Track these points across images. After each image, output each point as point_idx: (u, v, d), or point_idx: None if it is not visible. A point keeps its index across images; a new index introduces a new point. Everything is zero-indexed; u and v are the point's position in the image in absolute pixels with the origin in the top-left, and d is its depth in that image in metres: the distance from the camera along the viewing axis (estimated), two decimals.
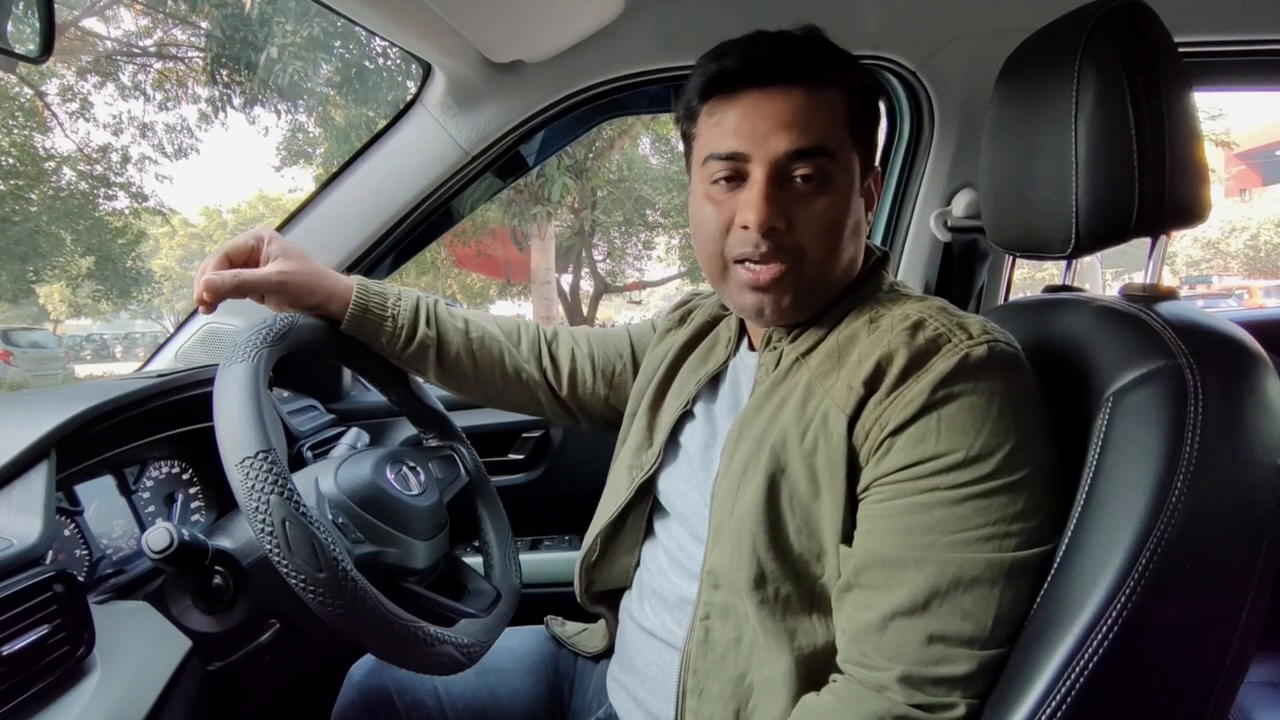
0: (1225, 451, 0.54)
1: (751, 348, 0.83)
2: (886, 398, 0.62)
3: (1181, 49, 0.66)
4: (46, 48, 0.81)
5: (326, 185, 1.24)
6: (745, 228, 0.68)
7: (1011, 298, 1.36)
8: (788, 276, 0.69)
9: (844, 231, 0.70)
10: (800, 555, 0.67)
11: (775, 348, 0.76)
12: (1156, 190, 0.64)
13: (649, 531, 0.87)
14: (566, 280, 12.96)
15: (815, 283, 0.71)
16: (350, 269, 1.24)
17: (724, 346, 0.85)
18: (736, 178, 0.70)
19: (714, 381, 0.84)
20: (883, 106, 1.34)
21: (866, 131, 0.72)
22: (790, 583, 0.66)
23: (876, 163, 0.76)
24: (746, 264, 0.70)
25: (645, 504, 0.86)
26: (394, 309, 0.89)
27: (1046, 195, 0.70)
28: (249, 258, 0.85)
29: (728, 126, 0.69)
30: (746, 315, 0.77)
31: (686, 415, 0.84)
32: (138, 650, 0.68)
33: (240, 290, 0.82)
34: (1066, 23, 0.69)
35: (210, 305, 0.82)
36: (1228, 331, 0.60)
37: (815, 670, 0.66)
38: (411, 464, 0.88)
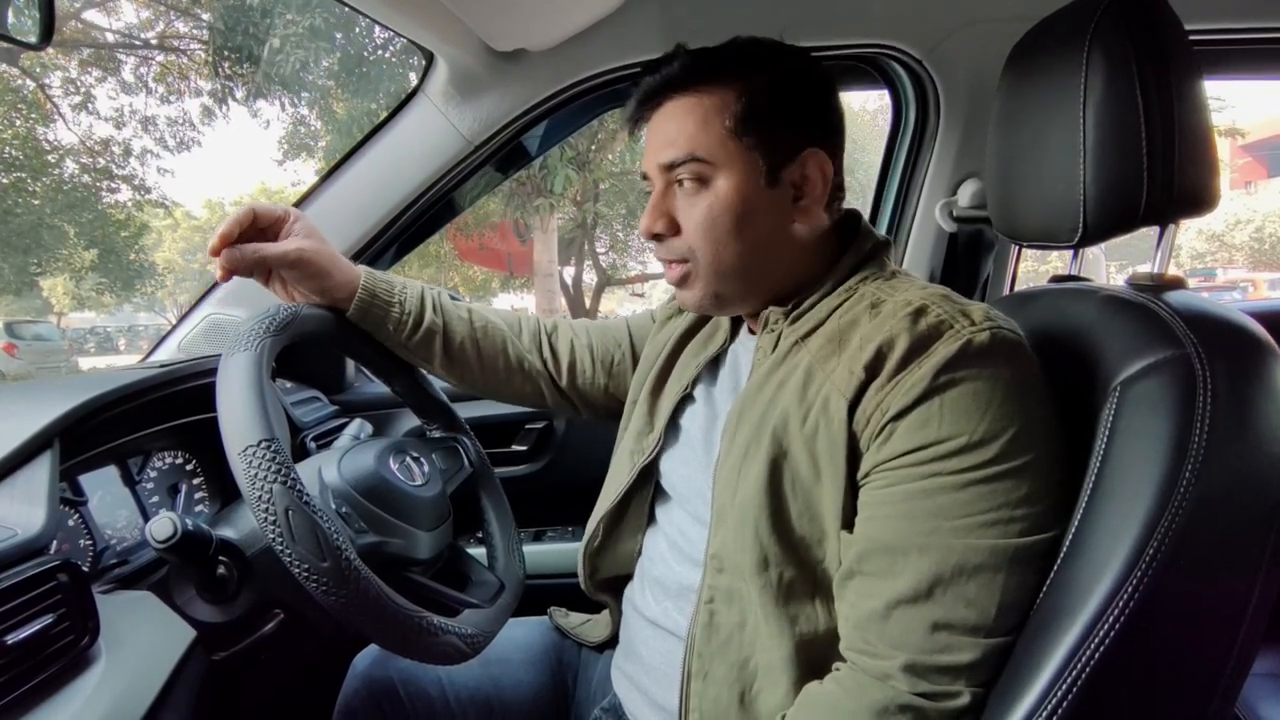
0: (1234, 441, 0.54)
1: (751, 330, 0.83)
2: (888, 383, 0.62)
3: (1191, 36, 0.66)
4: (46, 34, 0.81)
5: (329, 176, 1.23)
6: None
7: (1016, 289, 1.36)
8: (690, 275, 0.76)
9: (731, 228, 0.72)
10: (802, 539, 0.67)
11: (773, 330, 0.76)
12: (1165, 179, 0.63)
13: (650, 519, 0.87)
14: (569, 273, 12.96)
15: (717, 275, 0.74)
16: (353, 259, 1.23)
17: (724, 331, 0.86)
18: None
19: (714, 365, 0.84)
20: (881, 91, 1.33)
21: (770, 122, 0.71)
22: (793, 567, 0.66)
23: (817, 143, 0.73)
24: (665, 264, 0.78)
25: (647, 489, 0.86)
26: (400, 295, 0.90)
27: (1053, 184, 0.70)
28: (271, 225, 0.85)
29: (642, 147, 0.78)
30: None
31: (687, 399, 0.84)
32: (142, 640, 0.68)
33: (261, 264, 0.82)
34: (1075, 10, 0.69)
35: (227, 277, 0.82)
36: (1236, 321, 0.59)
37: (816, 657, 0.66)
38: (415, 454, 0.88)
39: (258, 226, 0.83)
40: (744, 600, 0.69)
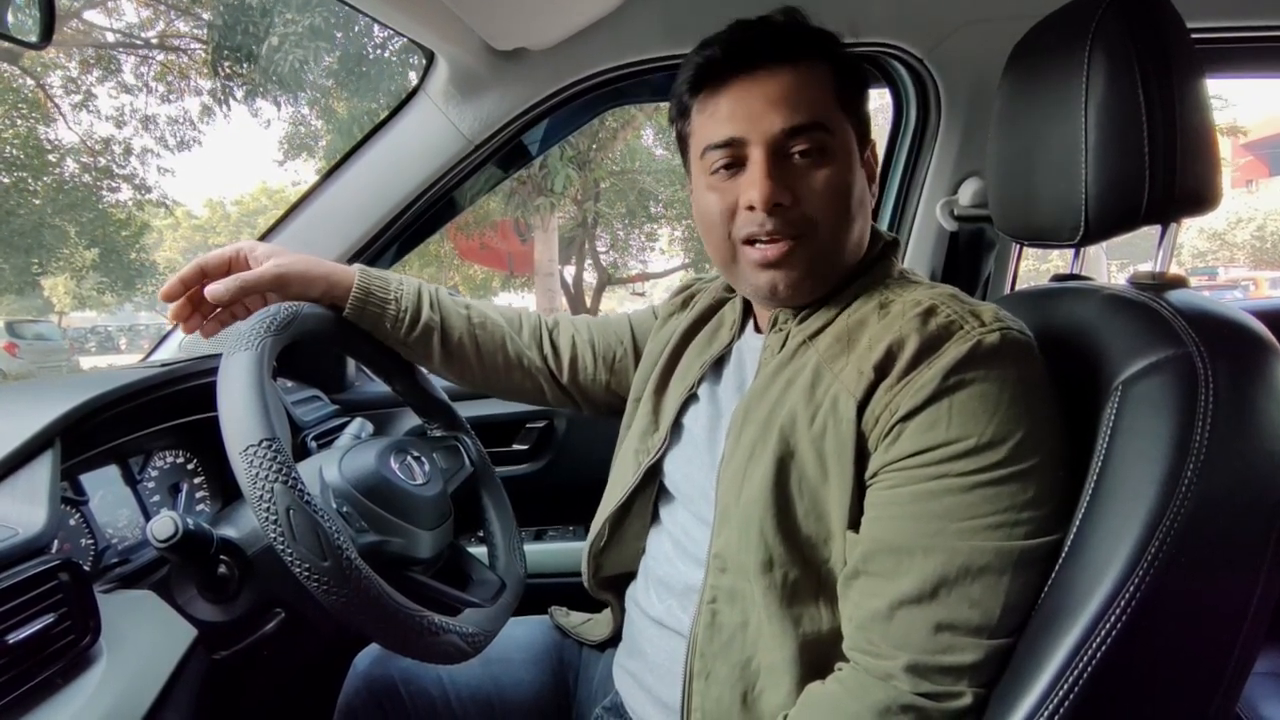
0: (1236, 440, 0.53)
1: (757, 330, 0.82)
2: (897, 383, 0.62)
3: (1193, 35, 0.65)
4: (47, 33, 0.81)
5: (329, 175, 1.23)
6: (751, 208, 0.69)
7: (1017, 288, 1.36)
8: (798, 251, 0.70)
9: (851, 200, 0.70)
10: (808, 539, 0.66)
11: (781, 329, 0.75)
12: (1167, 177, 0.63)
13: (655, 518, 0.87)
14: (569, 272, 12.96)
15: (827, 255, 0.71)
16: (353, 259, 1.23)
17: (728, 329, 0.85)
18: (735, 164, 0.71)
19: (718, 364, 0.84)
20: (881, 90, 1.33)
21: (856, 103, 0.73)
22: (798, 567, 0.66)
23: (873, 136, 0.76)
24: (755, 244, 0.71)
25: (652, 489, 0.86)
26: (396, 292, 0.89)
27: (1055, 183, 0.69)
28: (227, 270, 0.85)
29: (721, 115, 0.70)
30: (760, 296, 0.76)
31: (691, 398, 0.84)
32: (143, 639, 0.68)
33: (243, 292, 0.82)
34: (1076, 8, 0.68)
35: (222, 321, 0.84)
36: (1238, 320, 0.59)
37: (819, 657, 0.66)
38: (416, 454, 0.87)
39: (208, 278, 0.84)
40: (746, 600, 0.69)
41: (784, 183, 0.68)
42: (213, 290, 0.82)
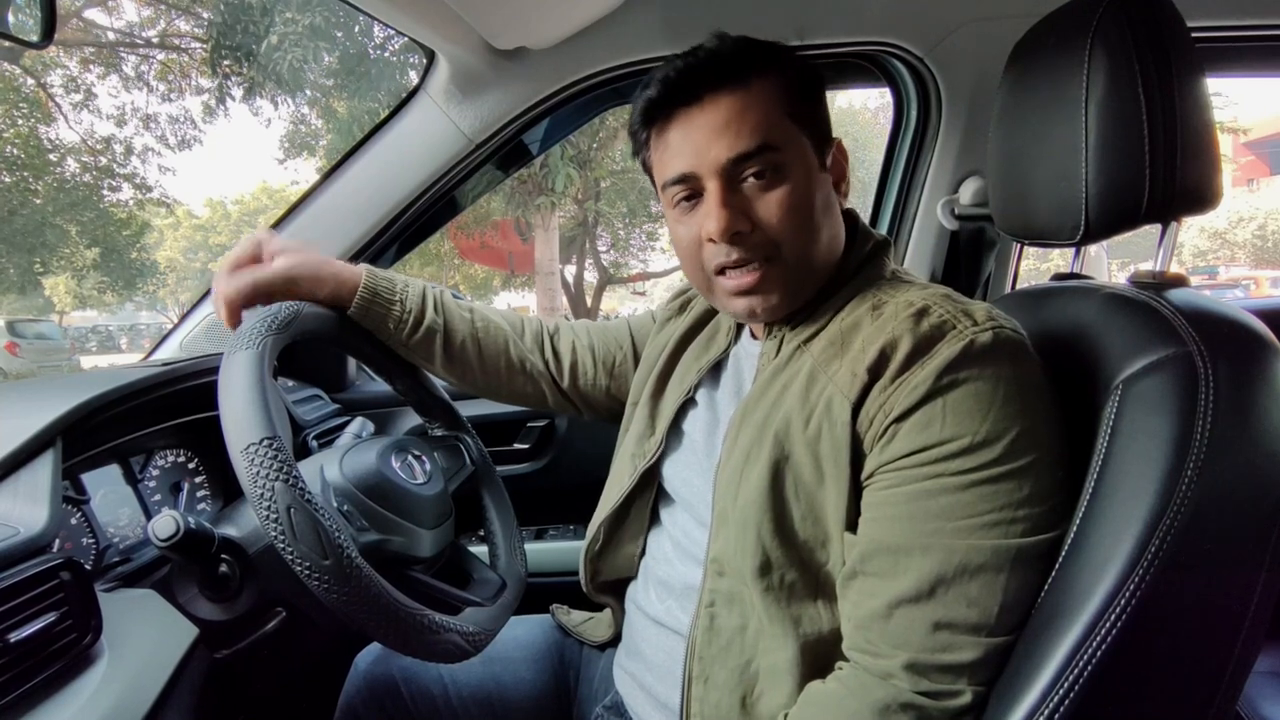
0: (1236, 439, 0.53)
1: (753, 335, 0.82)
2: (891, 384, 0.62)
3: (1193, 33, 0.65)
4: (48, 32, 0.81)
5: (330, 174, 1.23)
6: (712, 239, 0.70)
7: (1018, 287, 1.36)
8: (769, 274, 0.70)
9: (811, 214, 0.70)
10: (805, 542, 0.66)
11: (776, 335, 0.76)
12: (1167, 176, 0.63)
13: (654, 519, 0.87)
14: (570, 271, 12.97)
15: (798, 271, 0.71)
16: (354, 258, 1.23)
17: (725, 334, 0.86)
18: (694, 195, 0.71)
19: (715, 369, 0.84)
20: (882, 90, 1.33)
21: (810, 111, 0.72)
22: (795, 569, 0.66)
23: (834, 133, 0.75)
24: (727, 272, 0.71)
25: (649, 492, 0.86)
26: (402, 294, 0.89)
27: (1055, 182, 0.69)
28: (254, 263, 0.85)
29: (671, 150, 0.71)
30: (741, 320, 0.79)
31: (689, 403, 0.84)
32: (145, 638, 0.68)
33: (257, 293, 0.82)
34: (1077, 7, 0.68)
35: (236, 318, 0.82)
36: (1239, 318, 0.59)
37: (820, 657, 0.66)
38: (417, 453, 0.88)
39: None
40: (745, 604, 0.69)
41: (740, 209, 0.69)
42: (226, 291, 0.82)
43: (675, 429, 0.84)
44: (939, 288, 0.69)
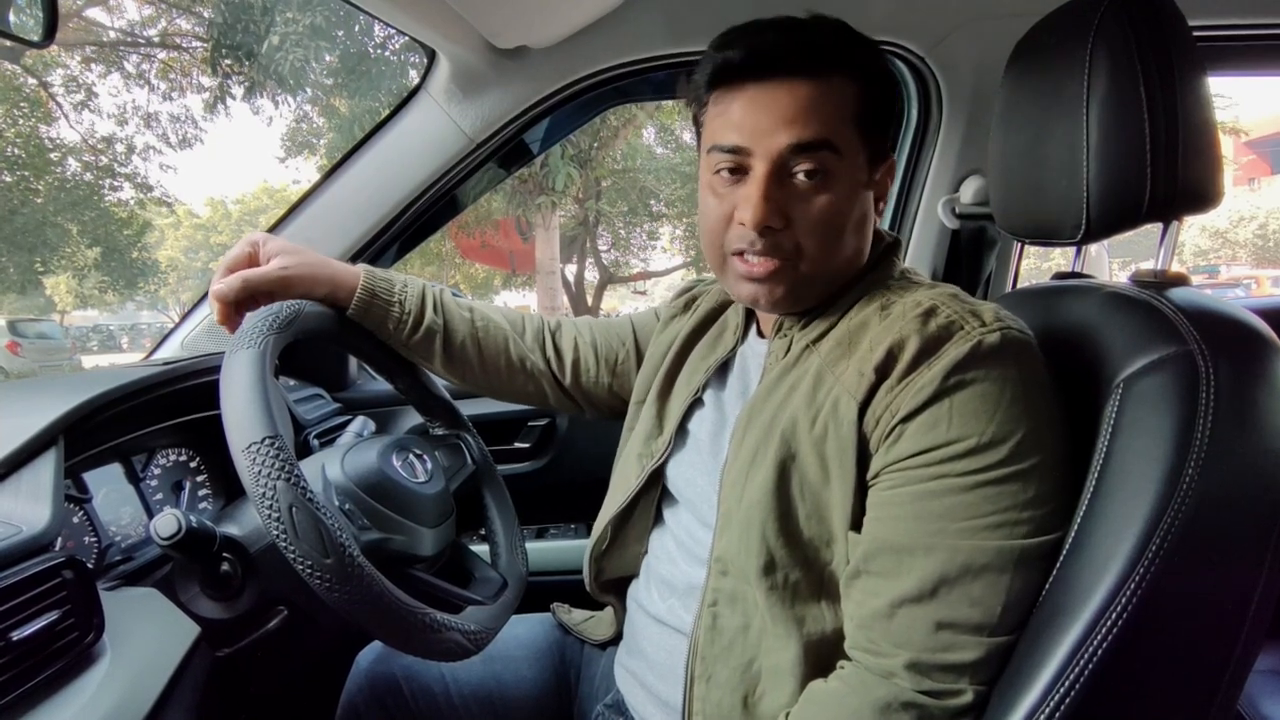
0: (1237, 438, 0.53)
1: (760, 334, 0.82)
2: (898, 384, 0.62)
3: (1194, 32, 0.65)
4: (49, 32, 0.81)
5: (330, 174, 1.23)
6: (743, 224, 0.69)
7: (1019, 286, 1.36)
8: (783, 271, 0.70)
9: (845, 229, 0.69)
10: (810, 541, 0.66)
11: (785, 335, 0.75)
12: (1169, 175, 0.63)
13: (658, 519, 0.87)
14: (571, 270, 12.96)
15: (811, 278, 0.71)
16: (355, 258, 1.23)
17: (732, 333, 0.85)
18: (739, 170, 0.69)
19: (722, 368, 0.84)
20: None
21: (879, 122, 0.70)
22: (800, 569, 0.66)
23: (893, 151, 0.75)
24: (744, 255, 0.71)
25: (655, 492, 0.86)
26: (401, 294, 0.89)
27: (1057, 181, 0.69)
28: (250, 264, 0.85)
29: (731, 119, 0.68)
30: (744, 303, 0.79)
31: (696, 403, 0.84)
32: (147, 636, 0.69)
33: (247, 291, 0.82)
34: (1078, 6, 0.68)
35: (231, 321, 0.82)
36: (1240, 317, 0.59)
37: (823, 657, 0.66)
38: (418, 452, 0.88)
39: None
40: (747, 603, 0.69)
41: (780, 204, 0.67)
42: (217, 289, 0.82)
43: (682, 429, 0.84)
44: (947, 287, 0.69)
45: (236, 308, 0.83)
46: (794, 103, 0.66)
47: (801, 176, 0.67)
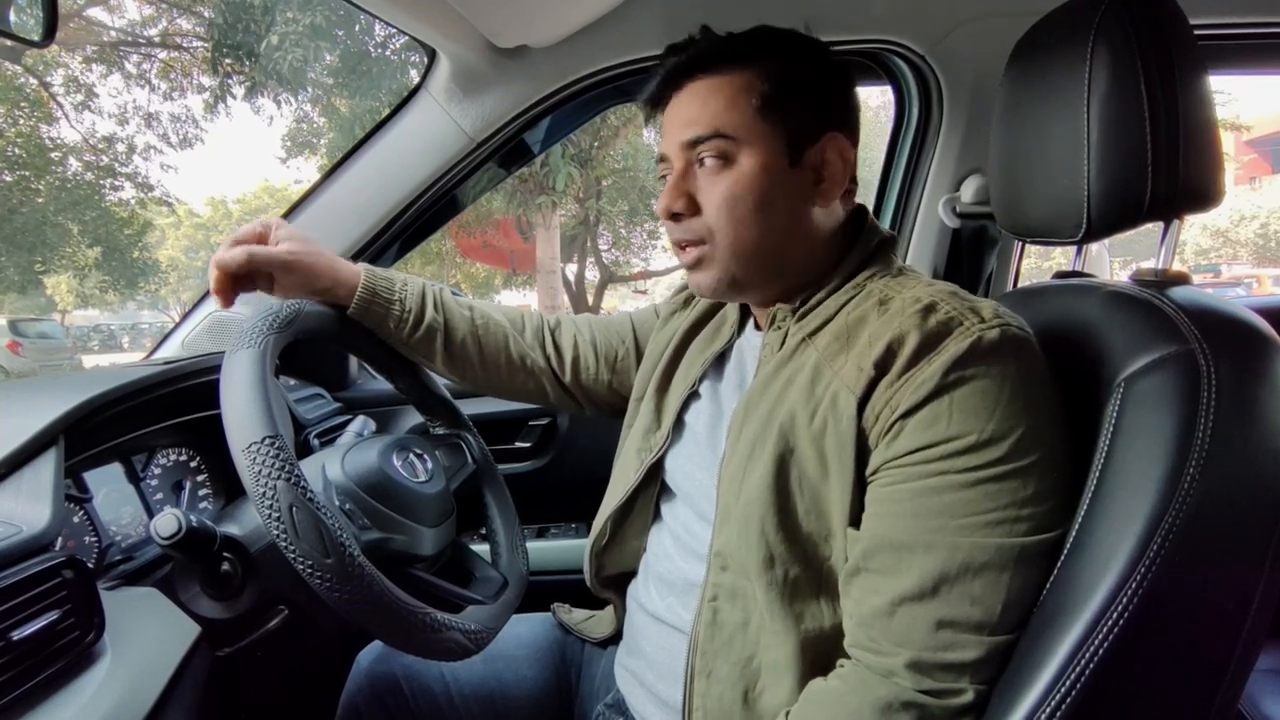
0: (1238, 437, 0.53)
1: (757, 327, 0.82)
2: (897, 380, 0.61)
3: (1196, 31, 0.65)
4: (49, 31, 0.81)
5: (331, 173, 1.23)
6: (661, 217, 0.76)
7: (1020, 285, 1.36)
8: (704, 258, 0.74)
9: (752, 206, 0.71)
10: (809, 537, 0.66)
11: (780, 327, 0.75)
12: (1169, 174, 0.63)
13: (656, 515, 0.87)
14: (571, 270, 12.96)
15: (735, 257, 0.73)
16: (355, 257, 1.23)
17: (729, 326, 0.86)
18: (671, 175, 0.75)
19: (719, 361, 0.84)
20: (883, 88, 1.33)
21: (790, 106, 0.71)
22: (799, 565, 0.66)
23: (837, 128, 0.74)
24: (678, 247, 0.77)
25: (654, 487, 0.87)
26: (401, 293, 0.89)
27: (1057, 180, 0.69)
28: (259, 242, 0.86)
29: (661, 132, 0.77)
30: (697, 294, 0.83)
31: (693, 396, 0.84)
32: (147, 636, 0.69)
33: (250, 264, 0.82)
34: (1079, 4, 0.68)
35: (227, 293, 0.83)
36: (1241, 316, 0.59)
37: (822, 654, 0.66)
38: (418, 451, 0.88)
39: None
40: (747, 598, 0.69)
41: (686, 191, 0.73)
42: (220, 258, 0.82)
43: (680, 422, 0.84)
44: (946, 284, 0.69)
45: (234, 281, 0.83)
46: (692, 104, 0.73)
47: (707, 164, 0.72)
